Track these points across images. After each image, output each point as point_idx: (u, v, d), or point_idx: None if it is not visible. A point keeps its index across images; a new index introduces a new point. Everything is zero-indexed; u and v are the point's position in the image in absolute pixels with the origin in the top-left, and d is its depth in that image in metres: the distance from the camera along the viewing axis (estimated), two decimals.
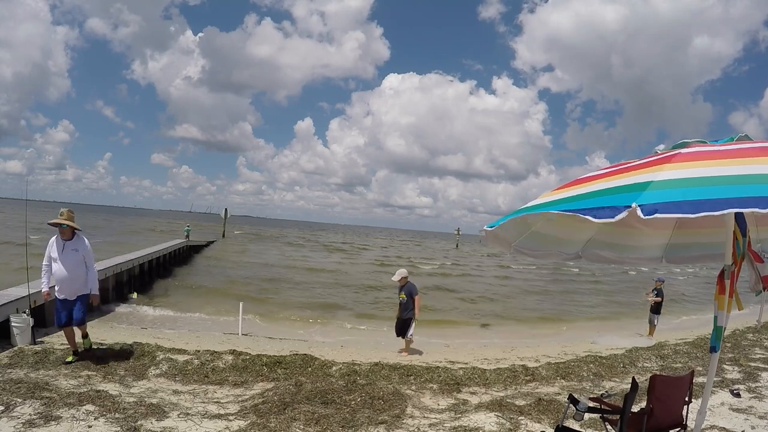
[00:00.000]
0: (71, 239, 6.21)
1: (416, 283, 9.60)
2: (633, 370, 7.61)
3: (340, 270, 28.62)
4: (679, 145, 2.46)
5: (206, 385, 5.95)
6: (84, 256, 6.26)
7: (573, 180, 2.63)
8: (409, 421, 4.94)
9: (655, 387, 3.29)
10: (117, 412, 4.55)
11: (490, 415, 5.03)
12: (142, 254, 17.67)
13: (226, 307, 13.88)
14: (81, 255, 6.23)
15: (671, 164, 2.16)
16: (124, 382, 5.72)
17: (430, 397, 5.92)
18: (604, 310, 19.19)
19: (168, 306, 13.99)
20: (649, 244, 3.54)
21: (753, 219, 3.04)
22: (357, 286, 22.22)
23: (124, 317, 11.90)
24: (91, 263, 6.42)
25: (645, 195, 1.91)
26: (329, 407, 5.11)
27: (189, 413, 4.79)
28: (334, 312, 15.50)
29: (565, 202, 2.30)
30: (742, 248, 2.67)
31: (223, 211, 52.46)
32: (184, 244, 28.78)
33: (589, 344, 10.59)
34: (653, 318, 12.22)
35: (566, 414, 3.76)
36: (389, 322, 14.80)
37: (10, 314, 7.08)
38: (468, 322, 15.41)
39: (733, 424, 5.06)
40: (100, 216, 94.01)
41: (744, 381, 6.79)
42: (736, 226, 2.62)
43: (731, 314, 2.77)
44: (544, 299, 21.78)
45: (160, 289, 16.82)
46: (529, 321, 16.09)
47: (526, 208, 2.53)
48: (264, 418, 4.67)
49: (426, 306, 18.21)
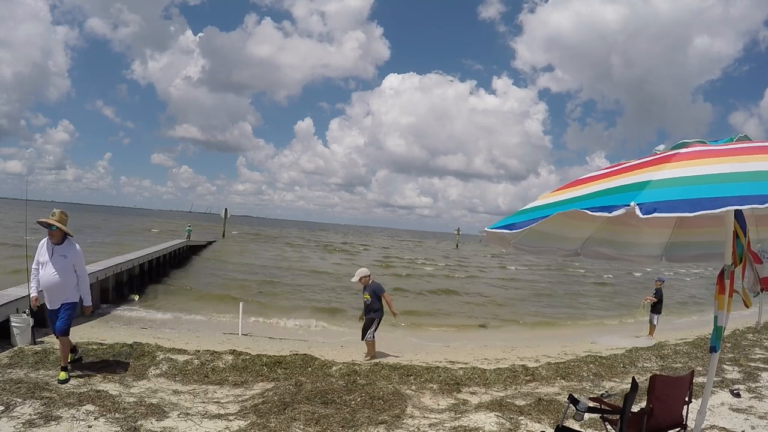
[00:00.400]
0: (61, 243, 5.63)
1: (418, 283, 9.58)
2: (633, 370, 7.61)
3: (340, 270, 28.62)
4: (678, 145, 2.46)
5: (206, 385, 5.95)
6: (74, 264, 5.68)
7: (573, 181, 2.64)
8: (409, 421, 4.94)
9: (655, 387, 3.29)
10: (117, 412, 4.55)
11: (490, 415, 5.03)
12: (142, 254, 17.68)
13: (225, 307, 13.89)
14: (70, 262, 5.64)
15: (670, 164, 2.16)
16: (124, 382, 5.72)
17: (430, 397, 5.92)
18: (605, 311, 19.19)
19: (168, 306, 14.01)
20: (649, 241, 3.55)
21: (753, 219, 3.04)
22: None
23: (124, 317, 11.91)
24: (83, 271, 5.82)
25: (644, 194, 1.91)
26: (329, 407, 5.11)
27: (189, 413, 4.79)
28: (335, 312, 15.50)
29: (563, 204, 2.30)
30: (743, 247, 2.67)
31: (223, 211, 52.51)
32: (184, 244, 28.78)
33: (589, 344, 10.59)
34: (653, 318, 12.23)
35: (566, 414, 3.76)
36: (389, 321, 14.84)
37: (10, 314, 7.08)
38: (468, 322, 15.42)
39: (733, 424, 5.05)
40: (99, 216, 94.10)
41: (744, 381, 6.79)
42: (737, 224, 2.62)
43: (731, 314, 2.77)
44: (545, 299, 21.78)
45: (160, 289, 16.82)
46: (530, 321, 16.10)
47: (528, 211, 2.52)
48: (264, 418, 4.68)
49: (426, 306, 18.31)
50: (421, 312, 16.65)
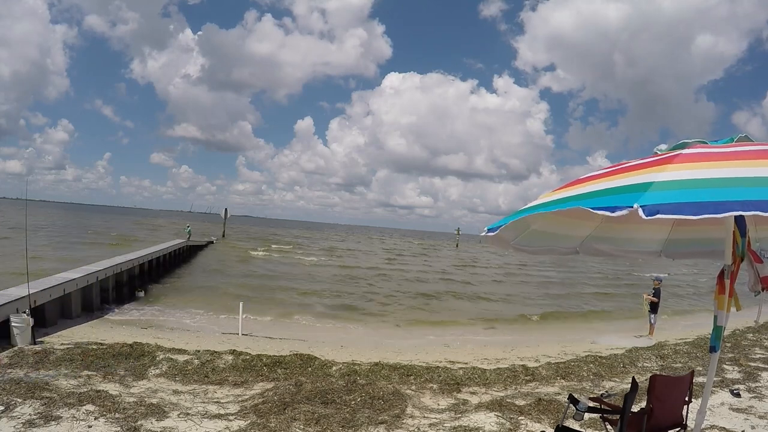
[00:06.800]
0: None
1: (417, 283, 9.58)
2: (633, 370, 7.61)
3: (339, 271, 28.63)
4: (679, 145, 2.46)
5: (206, 385, 5.95)
6: None
7: (574, 180, 2.63)
8: (409, 421, 4.94)
9: (655, 387, 3.29)
10: (117, 412, 4.55)
11: (490, 415, 5.03)
12: (142, 254, 17.67)
13: (225, 307, 13.88)
14: None
15: (673, 165, 2.16)
16: (124, 382, 5.72)
17: (430, 397, 5.92)
18: (606, 312, 19.17)
19: (168, 306, 14.00)
20: (647, 238, 3.55)
21: (752, 219, 3.04)
22: (357, 286, 22.25)
23: (124, 317, 11.90)
24: None
25: (647, 195, 1.91)
26: (329, 407, 5.11)
27: (189, 413, 4.79)
28: (335, 312, 15.51)
29: (565, 201, 2.30)
30: (741, 248, 2.67)
31: (223, 211, 52.48)
32: (184, 244, 28.76)
33: (589, 344, 10.59)
34: (651, 317, 12.26)
35: (566, 414, 3.76)
36: (390, 322, 14.88)
37: (10, 314, 7.08)
38: (468, 322, 15.41)
39: (733, 424, 5.05)
40: (98, 216, 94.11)
41: (744, 381, 6.79)
42: (736, 227, 2.62)
43: (731, 314, 2.77)
44: (546, 300, 21.77)
45: (160, 289, 16.82)
46: (530, 321, 16.11)
47: (528, 209, 2.53)
48: (264, 418, 4.68)
49: (426, 306, 18.33)
50: (421, 312, 16.67)
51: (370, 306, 17.29)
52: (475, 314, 16.90)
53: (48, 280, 9.63)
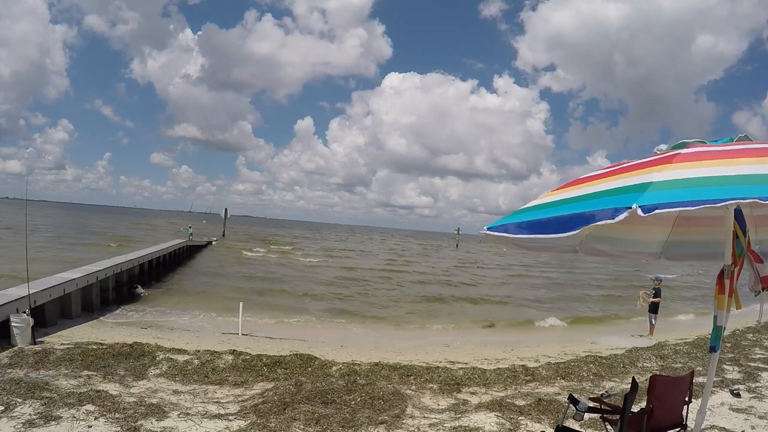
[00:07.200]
0: None
1: (417, 283, 9.59)
2: (633, 370, 7.61)
3: (340, 272, 28.62)
4: (678, 145, 2.46)
5: (206, 385, 5.95)
6: None
7: (573, 180, 2.63)
8: (409, 421, 4.94)
9: (655, 387, 3.29)
10: (117, 412, 4.55)
11: (490, 415, 5.03)
12: (142, 254, 17.67)
13: (225, 307, 13.88)
14: None
15: (672, 164, 2.16)
16: (124, 382, 5.72)
17: (430, 397, 5.92)
18: (607, 312, 19.15)
19: (168, 306, 14.00)
20: (647, 239, 3.54)
21: (752, 220, 3.04)
22: (357, 286, 22.25)
23: (124, 317, 11.91)
24: None
25: (645, 196, 1.91)
26: (329, 407, 5.11)
27: (189, 413, 4.79)
28: (335, 312, 15.52)
29: (566, 203, 2.29)
30: (742, 247, 2.66)
31: (224, 211, 52.53)
32: (184, 244, 28.77)
33: (589, 344, 10.59)
34: (651, 317, 12.27)
35: (566, 414, 3.76)
36: (390, 321, 14.88)
37: (10, 314, 7.08)
38: (468, 322, 15.41)
39: (733, 424, 5.05)
40: (98, 216, 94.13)
41: (744, 381, 6.79)
42: (736, 223, 2.62)
43: (731, 314, 2.77)
44: (546, 300, 21.76)
45: (161, 289, 16.82)
46: (529, 321, 16.08)
47: (528, 210, 2.51)
48: (264, 418, 4.68)
49: (426, 305, 18.32)
50: (421, 312, 16.67)
51: (371, 306, 17.29)
52: (476, 314, 16.89)
53: (48, 280, 9.63)
